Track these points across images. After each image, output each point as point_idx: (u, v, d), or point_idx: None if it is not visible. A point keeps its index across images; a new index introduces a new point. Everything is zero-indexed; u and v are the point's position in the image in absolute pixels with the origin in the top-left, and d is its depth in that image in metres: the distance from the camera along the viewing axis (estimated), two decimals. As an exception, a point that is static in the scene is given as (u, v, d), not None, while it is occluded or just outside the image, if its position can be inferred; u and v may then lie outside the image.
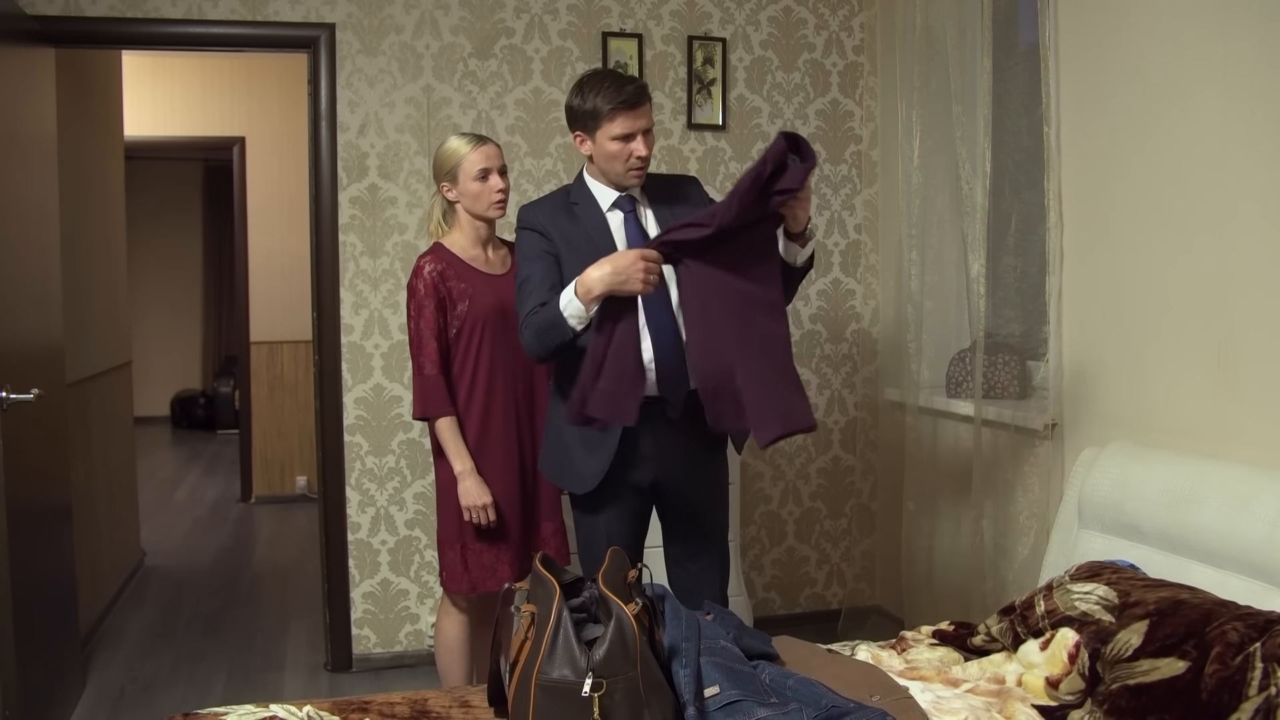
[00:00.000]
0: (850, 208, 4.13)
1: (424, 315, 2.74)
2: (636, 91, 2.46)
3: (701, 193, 2.69)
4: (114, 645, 4.07)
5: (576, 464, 2.55)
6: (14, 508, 2.84)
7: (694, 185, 2.72)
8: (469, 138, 2.83)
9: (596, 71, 2.58)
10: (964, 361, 3.49)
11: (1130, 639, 1.99)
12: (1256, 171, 2.36)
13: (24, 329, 3.08)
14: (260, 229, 6.53)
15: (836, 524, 4.21)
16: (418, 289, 2.75)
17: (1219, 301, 2.47)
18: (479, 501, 2.73)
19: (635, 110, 2.45)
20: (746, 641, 2.12)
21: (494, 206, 2.81)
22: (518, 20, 3.79)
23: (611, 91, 2.44)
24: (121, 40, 3.80)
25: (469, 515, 2.74)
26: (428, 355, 2.75)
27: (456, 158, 2.79)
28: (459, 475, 2.75)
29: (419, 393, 2.79)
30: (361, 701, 2.01)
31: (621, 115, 2.44)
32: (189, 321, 10.20)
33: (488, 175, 2.79)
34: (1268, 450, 2.33)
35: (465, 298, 2.76)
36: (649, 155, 2.51)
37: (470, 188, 2.79)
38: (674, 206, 2.59)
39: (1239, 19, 2.40)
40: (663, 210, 2.58)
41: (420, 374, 2.77)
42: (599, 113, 2.45)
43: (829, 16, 4.06)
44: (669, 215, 2.55)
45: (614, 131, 2.45)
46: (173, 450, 8.88)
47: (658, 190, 2.63)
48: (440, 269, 2.76)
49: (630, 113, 2.45)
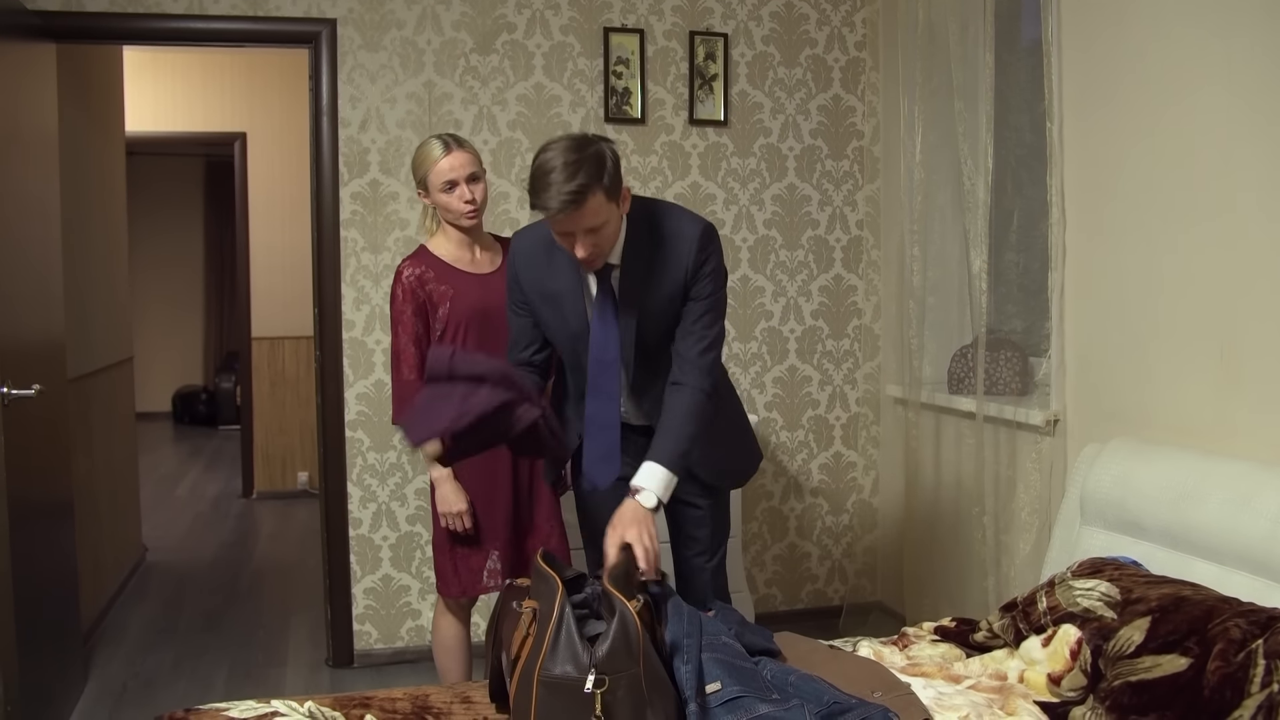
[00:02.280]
0: (852, 203, 4.13)
1: (402, 320, 2.72)
2: (566, 198, 2.10)
3: (692, 255, 2.31)
4: (115, 641, 4.07)
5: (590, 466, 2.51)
6: (15, 503, 2.84)
7: (688, 241, 2.32)
8: (442, 142, 2.71)
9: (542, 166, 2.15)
10: (966, 357, 3.49)
11: (1132, 636, 1.98)
12: (1259, 166, 2.36)
13: (25, 324, 3.08)
14: (261, 224, 6.53)
15: (838, 520, 4.21)
16: (396, 295, 2.73)
17: (1221, 297, 2.47)
18: (454, 508, 2.73)
19: (566, 214, 2.14)
20: (748, 638, 2.11)
21: (464, 217, 2.72)
22: (519, 15, 3.78)
23: (539, 187, 2.13)
24: (123, 35, 3.80)
25: (445, 521, 2.75)
26: (405, 360, 2.73)
27: (424, 167, 2.71)
28: (435, 482, 2.75)
29: (397, 398, 2.78)
30: (363, 697, 2.01)
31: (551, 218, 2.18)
32: (190, 317, 10.20)
33: (454, 186, 2.69)
34: (1270, 447, 2.33)
35: (446, 300, 2.73)
36: (594, 256, 2.23)
37: (439, 198, 2.72)
38: (654, 265, 2.33)
39: (1241, 14, 2.39)
40: (638, 271, 2.33)
41: (399, 379, 2.75)
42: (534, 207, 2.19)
43: (831, 12, 4.05)
44: (643, 275, 2.32)
45: (551, 227, 2.24)
46: (174, 446, 8.88)
47: (646, 242, 2.33)
48: (419, 273, 2.72)
49: (561, 218, 2.15)
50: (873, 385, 4.18)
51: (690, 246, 2.32)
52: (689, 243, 2.32)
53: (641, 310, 2.34)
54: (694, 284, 2.33)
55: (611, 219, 2.22)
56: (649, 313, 2.34)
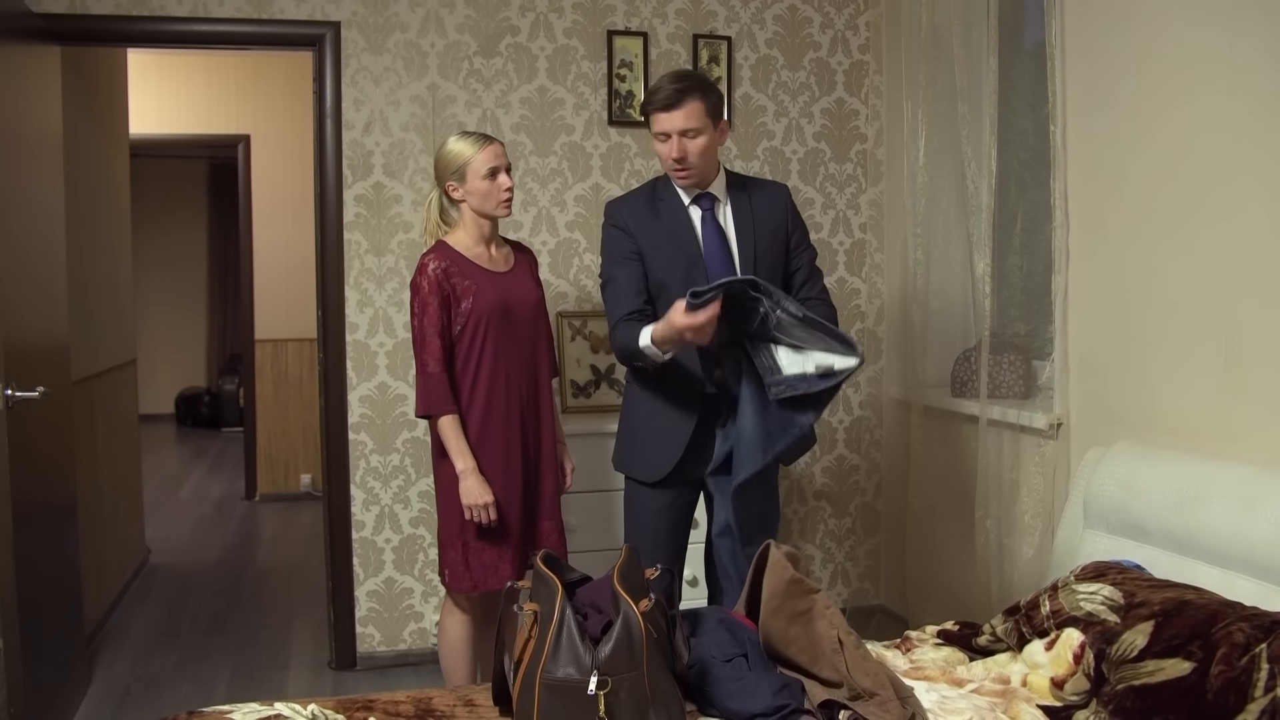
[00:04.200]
0: (855, 207, 4.13)
1: (428, 313, 2.74)
2: (669, 95, 2.51)
3: (785, 202, 2.74)
4: (119, 643, 4.08)
5: (649, 455, 2.69)
6: (19, 505, 2.84)
7: (779, 193, 2.77)
8: (475, 137, 2.81)
9: (660, 78, 2.62)
10: (969, 361, 3.48)
11: (1136, 639, 1.98)
12: (1263, 170, 2.35)
13: (29, 327, 3.09)
14: (265, 227, 6.54)
15: (841, 523, 4.21)
16: (421, 286, 2.75)
17: (1225, 301, 2.47)
18: (480, 500, 2.73)
19: (668, 112, 2.52)
20: None
21: (502, 205, 2.81)
22: (523, 18, 3.79)
23: (650, 92, 2.55)
24: (127, 38, 3.81)
25: (470, 514, 2.74)
26: (431, 353, 2.75)
27: (464, 157, 2.77)
28: (461, 474, 2.75)
29: (422, 390, 2.79)
30: (366, 700, 2.01)
31: (654, 115, 2.55)
32: (194, 319, 10.21)
33: (496, 174, 2.78)
34: (1274, 450, 2.33)
35: (469, 295, 2.76)
36: (684, 158, 2.56)
37: (479, 187, 2.78)
38: (755, 206, 2.68)
39: (1245, 18, 2.39)
40: (743, 208, 2.68)
41: (424, 372, 2.77)
42: (645, 115, 2.59)
43: (834, 15, 4.06)
44: (748, 213, 2.67)
45: (653, 130, 2.58)
46: (177, 448, 8.89)
47: (741, 189, 2.72)
48: (444, 266, 2.76)
49: (663, 114, 2.53)
50: (876, 388, 4.18)
51: (784, 195, 2.76)
52: (782, 192, 2.76)
53: (755, 235, 2.65)
54: (794, 231, 2.72)
55: (706, 133, 2.55)
56: (758, 243, 2.65)
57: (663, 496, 2.71)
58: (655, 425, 2.69)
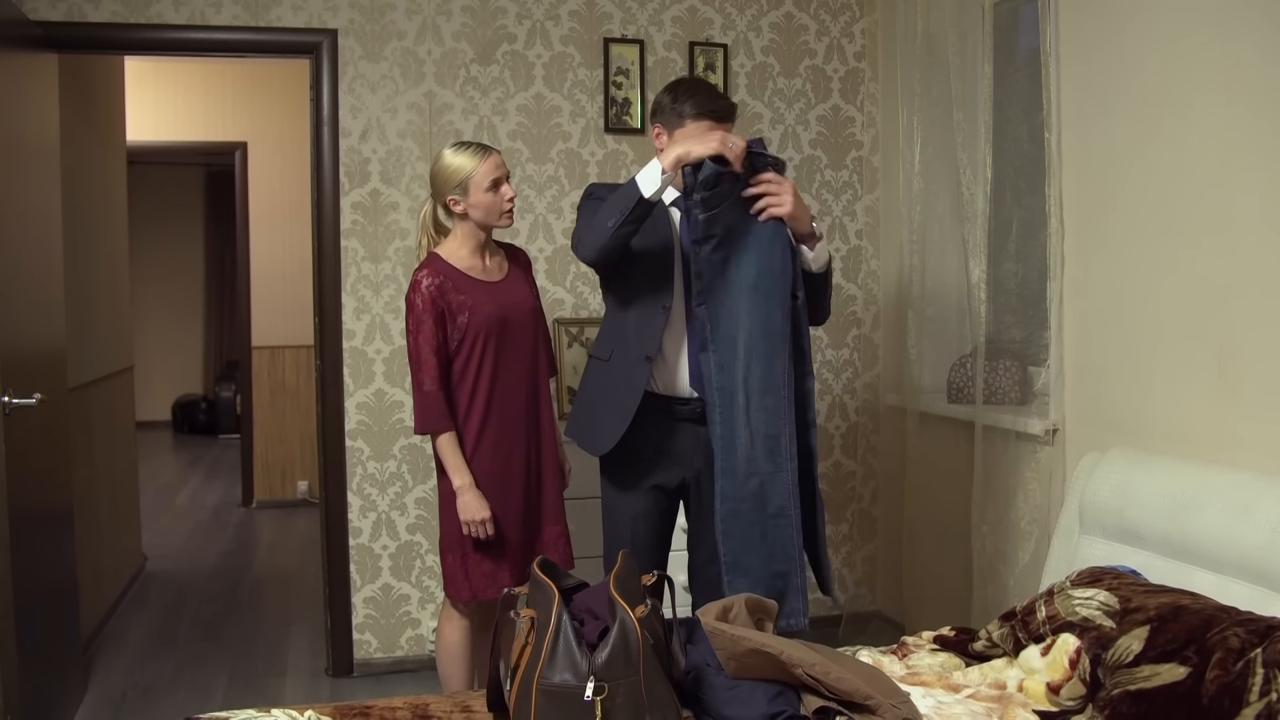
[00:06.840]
0: (851, 213, 4.14)
1: (423, 331, 2.72)
2: (729, 106, 2.57)
3: None
4: (115, 650, 4.07)
5: (599, 428, 2.67)
6: (16, 512, 2.84)
7: None
8: (473, 148, 2.78)
9: (695, 80, 2.67)
10: (965, 367, 3.49)
11: (1131, 645, 1.99)
12: (1257, 177, 2.37)
13: (26, 334, 3.09)
14: (262, 234, 6.54)
15: (838, 529, 4.21)
16: (415, 304, 2.72)
17: (1220, 307, 2.48)
18: (478, 516, 2.73)
19: (728, 123, 2.55)
20: None
21: (505, 216, 2.79)
22: (519, 26, 3.80)
23: (703, 99, 2.55)
24: (124, 46, 3.81)
25: (468, 530, 2.75)
26: (427, 371, 2.73)
27: (465, 171, 2.74)
28: (458, 490, 2.74)
29: (419, 409, 2.77)
30: (363, 706, 2.02)
31: (708, 122, 2.54)
32: (191, 326, 10.20)
33: (499, 185, 2.76)
34: (1269, 456, 2.33)
35: (465, 309, 2.74)
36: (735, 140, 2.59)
37: (483, 200, 2.75)
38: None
39: (1239, 25, 2.40)
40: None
41: (420, 390, 2.75)
42: (683, 114, 2.55)
43: (830, 23, 4.07)
44: None
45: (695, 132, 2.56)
46: (174, 455, 8.88)
47: None
48: (438, 282, 2.73)
49: (725, 124, 2.55)
50: (872, 395, 4.19)
51: None
52: None
53: None
54: None
55: None
56: None
57: (639, 503, 2.69)
58: (606, 394, 2.67)
